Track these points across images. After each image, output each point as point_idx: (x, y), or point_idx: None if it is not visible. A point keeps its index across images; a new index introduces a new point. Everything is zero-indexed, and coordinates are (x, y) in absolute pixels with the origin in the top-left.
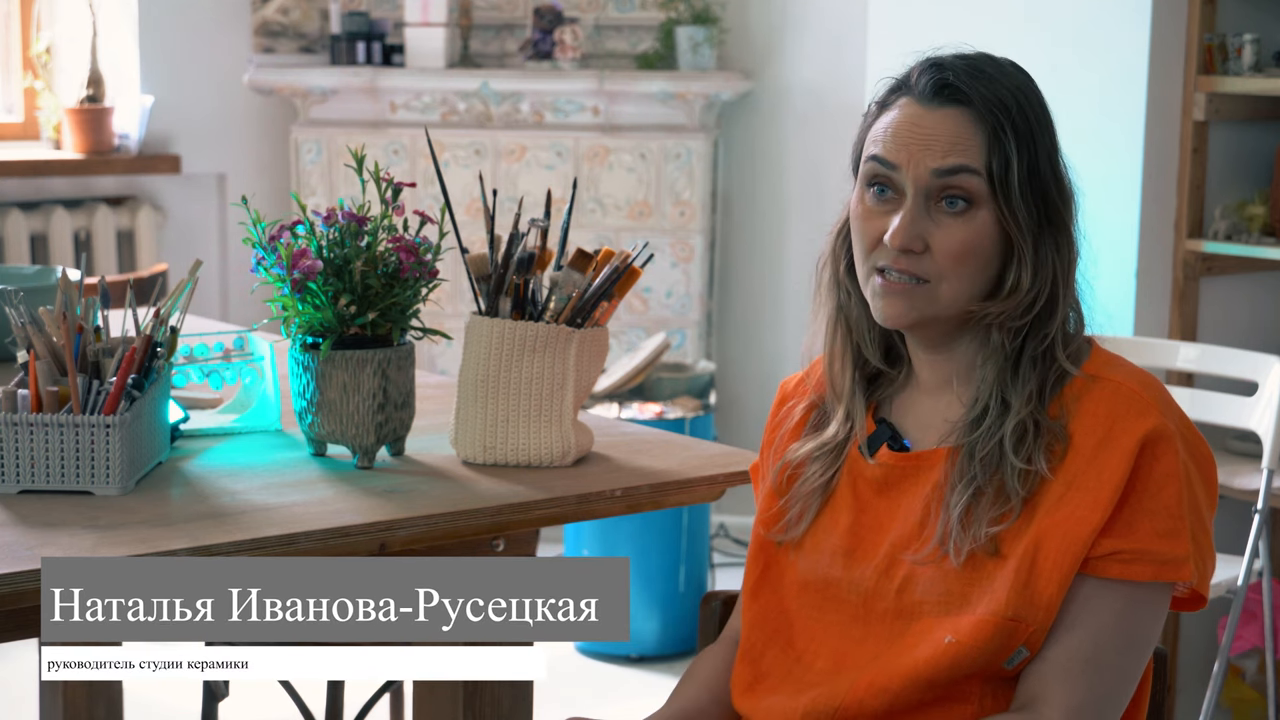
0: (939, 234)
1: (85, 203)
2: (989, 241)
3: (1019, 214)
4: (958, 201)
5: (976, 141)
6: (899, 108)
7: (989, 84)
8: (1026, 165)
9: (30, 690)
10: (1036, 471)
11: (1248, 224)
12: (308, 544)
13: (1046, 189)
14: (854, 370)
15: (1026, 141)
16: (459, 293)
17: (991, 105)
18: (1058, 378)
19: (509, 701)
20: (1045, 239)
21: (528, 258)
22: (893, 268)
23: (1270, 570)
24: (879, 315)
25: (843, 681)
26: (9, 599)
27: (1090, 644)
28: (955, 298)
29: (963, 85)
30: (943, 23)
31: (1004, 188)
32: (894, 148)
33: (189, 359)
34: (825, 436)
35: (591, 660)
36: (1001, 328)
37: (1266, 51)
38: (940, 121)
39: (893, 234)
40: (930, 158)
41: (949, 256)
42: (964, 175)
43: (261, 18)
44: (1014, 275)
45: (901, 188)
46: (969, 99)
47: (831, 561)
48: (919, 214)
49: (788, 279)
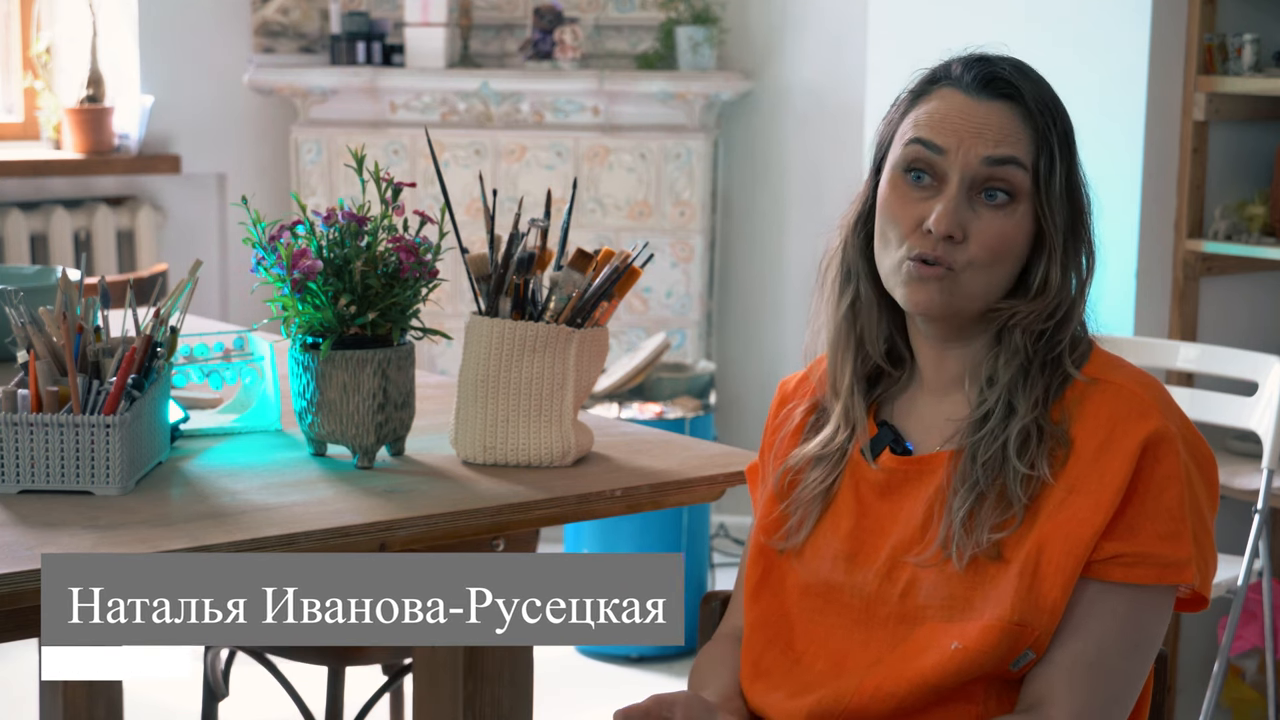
0: (978, 225)
1: (85, 203)
2: (1023, 238)
3: (1057, 214)
4: (998, 194)
5: (1024, 137)
6: (941, 97)
7: (1034, 84)
8: (1065, 170)
9: (30, 690)
10: (1039, 477)
11: (1248, 224)
12: (308, 544)
13: (1077, 195)
14: (855, 365)
15: (1064, 147)
16: (459, 293)
17: (1039, 104)
18: (1061, 381)
19: (509, 701)
20: (1073, 244)
21: (528, 258)
22: (930, 255)
23: (1270, 570)
24: (907, 301)
25: (847, 684)
26: (9, 599)
27: (1095, 647)
28: (982, 291)
29: (1013, 80)
30: (943, 23)
31: (1047, 186)
32: (942, 132)
33: (189, 359)
34: (824, 437)
35: (592, 660)
36: (1025, 330)
37: (1266, 51)
38: (990, 112)
39: (938, 218)
40: (982, 145)
41: (985, 248)
42: (1012, 167)
43: (261, 18)
44: (1042, 272)
45: (944, 174)
46: (1020, 95)
47: (833, 565)
48: (962, 203)
49: (788, 279)
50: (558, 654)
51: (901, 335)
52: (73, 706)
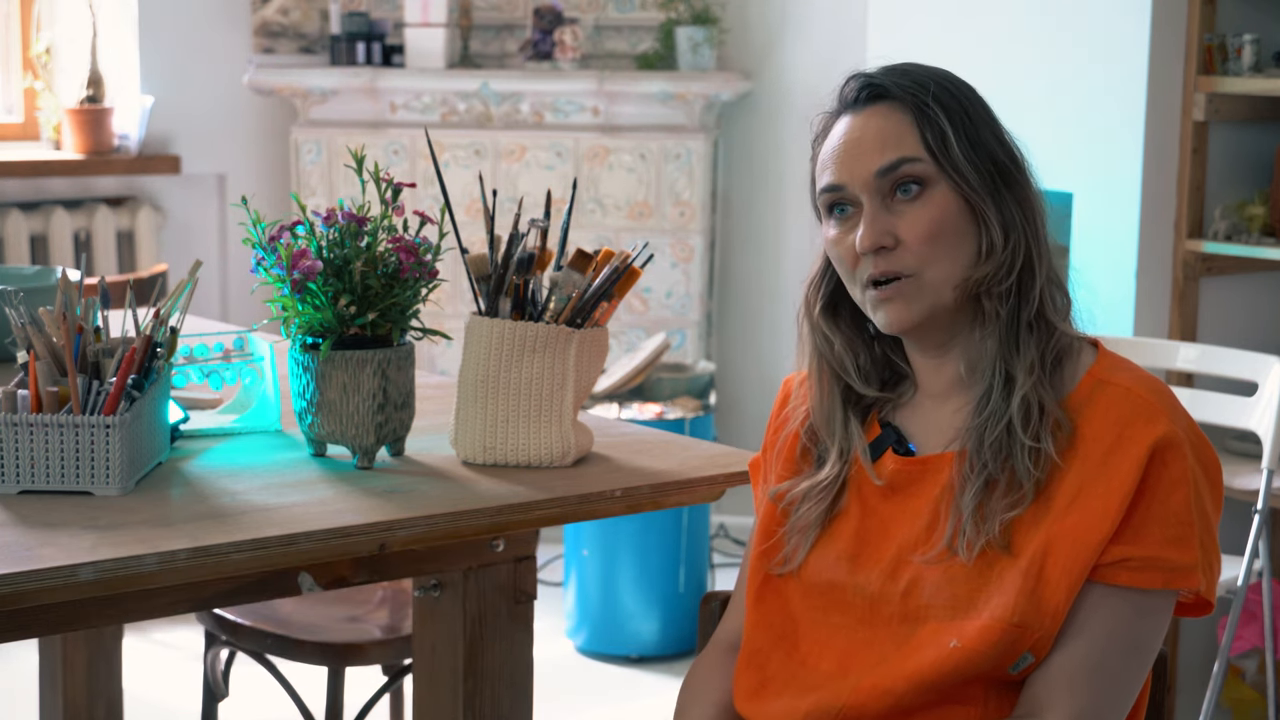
0: (903, 224)
1: (85, 203)
2: (953, 214)
3: (970, 178)
4: (910, 187)
5: (905, 127)
6: (831, 130)
7: (905, 75)
8: (964, 133)
9: (30, 690)
10: (1045, 452)
11: (1248, 224)
12: (308, 544)
13: (992, 152)
14: (844, 409)
15: (958, 114)
16: (459, 293)
17: (910, 90)
18: (1059, 351)
19: (509, 701)
20: (1005, 199)
21: (528, 258)
22: (878, 274)
23: (1270, 570)
24: (882, 325)
25: (847, 683)
26: (9, 599)
27: (1097, 651)
28: (943, 280)
29: (880, 81)
30: (942, 24)
31: (947, 158)
32: (835, 168)
33: (189, 359)
34: (820, 477)
35: (591, 660)
36: (989, 294)
37: (1266, 51)
38: (868, 121)
39: (860, 238)
40: (868, 161)
41: (920, 240)
42: (905, 165)
43: (261, 18)
44: (986, 237)
45: (856, 200)
46: (888, 91)
47: (836, 566)
48: (879, 213)
49: (787, 279)
50: (558, 654)
51: (898, 353)
52: (73, 706)
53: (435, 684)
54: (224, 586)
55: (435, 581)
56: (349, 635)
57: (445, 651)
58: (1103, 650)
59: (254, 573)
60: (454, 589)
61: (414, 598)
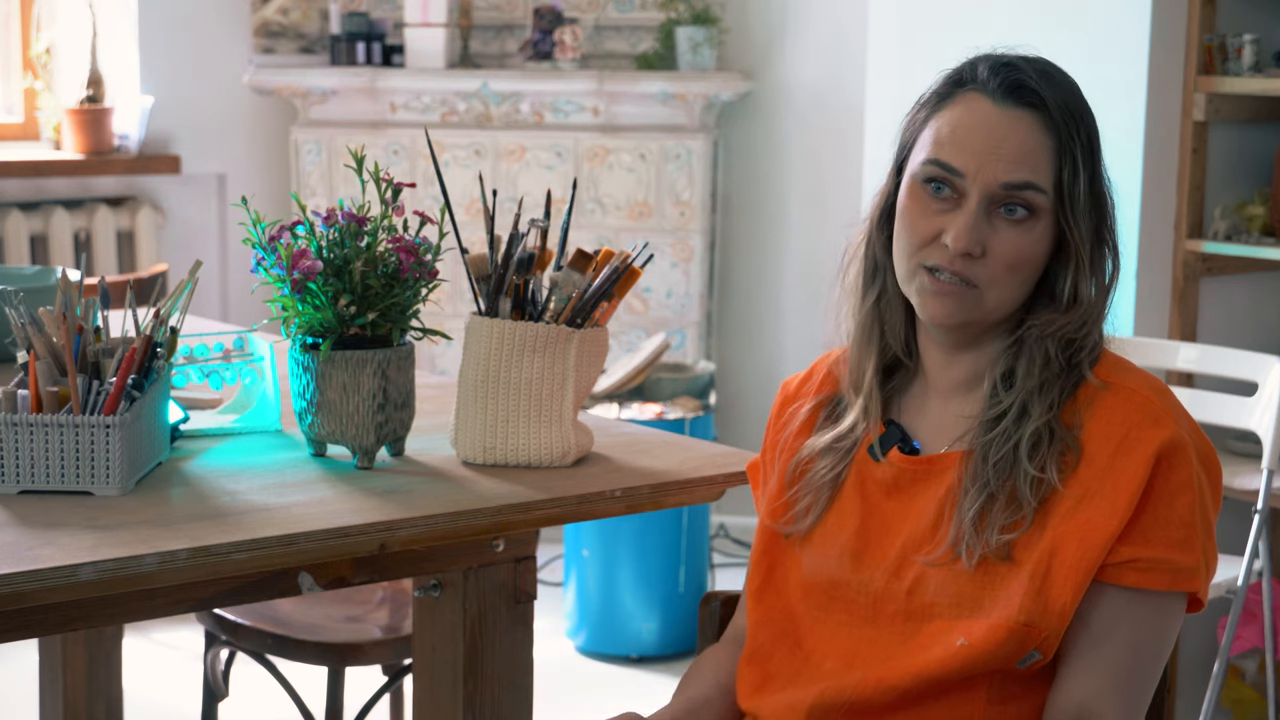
0: (996, 241)
1: (85, 203)
2: (1043, 251)
3: (1082, 226)
4: (1018, 209)
5: (1046, 153)
6: (964, 104)
7: (1059, 90)
8: (1089, 177)
9: (30, 690)
10: (1048, 481)
11: (1248, 224)
12: (308, 544)
13: (1101, 201)
14: (877, 360)
15: (1088, 154)
16: (459, 293)
17: (1064, 113)
18: (1074, 383)
19: (509, 701)
20: (1098, 250)
21: (528, 258)
22: (946, 269)
23: (1270, 570)
24: (925, 314)
25: (851, 678)
26: (9, 599)
27: (1132, 655)
28: (1001, 304)
29: (1037, 88)
30: (942, 24)
31: (1070, 201)
32: (960, 154)
33: (189, 359)
34: (842, 429)
35: (591, 660)
36: (1057, 340)
37: (1266, 52)
38: (1012, 126)
39: (956, 236)
40: (1000, 168)
41: (1004, 265)
42: (1029, 191)
43: (261, 18)
44: (1071, 284)
45: (964, 190)
46: (1043, 103)
47: (839, 563)
48: (981, 220)
49: (787, 279)
50: (558, 654)
51: (912, 330)
52: (73, 706)
53: (435, 684)
54: (224, 586)
55: (435, 581)
56: (349, 635)
57: (445, 651)
58: (1136, 654)
59: (254, 573)
60: (454, 589)
61: (414, 598)
